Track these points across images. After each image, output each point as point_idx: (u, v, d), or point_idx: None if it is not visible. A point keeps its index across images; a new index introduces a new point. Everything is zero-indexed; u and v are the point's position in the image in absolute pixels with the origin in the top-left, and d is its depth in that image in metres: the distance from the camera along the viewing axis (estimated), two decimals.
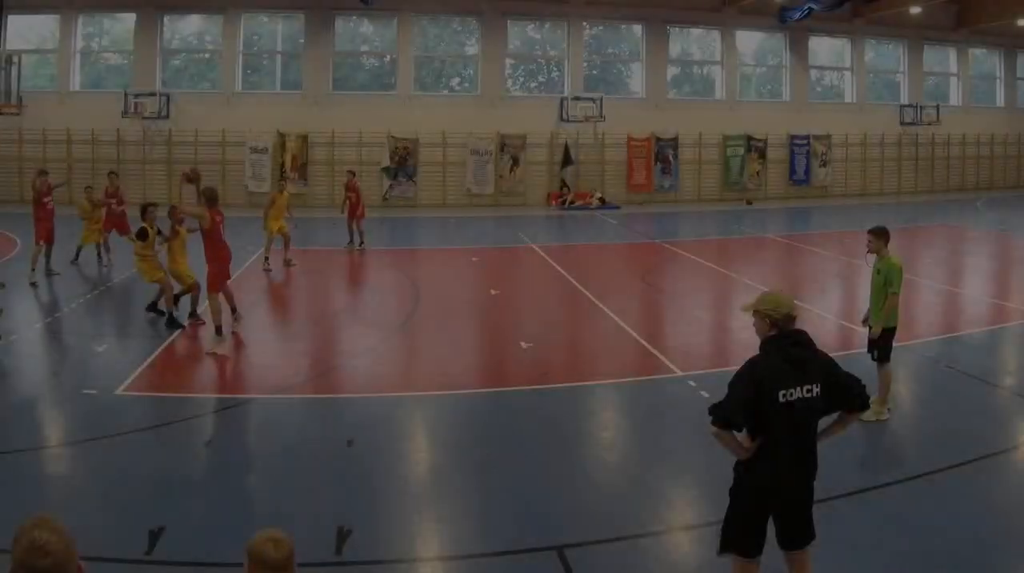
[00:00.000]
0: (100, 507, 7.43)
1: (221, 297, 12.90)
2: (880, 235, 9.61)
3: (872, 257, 9.89)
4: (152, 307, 14.69)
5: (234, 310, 13.50)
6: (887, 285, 9.53)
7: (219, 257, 12.80)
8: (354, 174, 23.49)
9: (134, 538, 6.72)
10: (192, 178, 14.83)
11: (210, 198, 12.81)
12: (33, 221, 18.26)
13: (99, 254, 19.65)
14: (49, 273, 18.10)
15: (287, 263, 19.85)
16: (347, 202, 22.71)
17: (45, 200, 18.40)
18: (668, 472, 8.51)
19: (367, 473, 8.25)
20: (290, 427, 9.67)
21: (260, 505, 7.69)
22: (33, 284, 17.23)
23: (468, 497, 7.86)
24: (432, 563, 6.80)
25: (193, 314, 14.07)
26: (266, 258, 19.61)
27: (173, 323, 13.90)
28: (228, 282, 13.26)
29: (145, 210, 14.58)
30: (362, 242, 22.71)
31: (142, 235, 14.32)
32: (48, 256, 18.39)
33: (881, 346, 9.68)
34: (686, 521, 7.44)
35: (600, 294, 16.64)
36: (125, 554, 6.46)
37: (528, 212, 32.74)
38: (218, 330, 12.55)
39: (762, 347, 5.23)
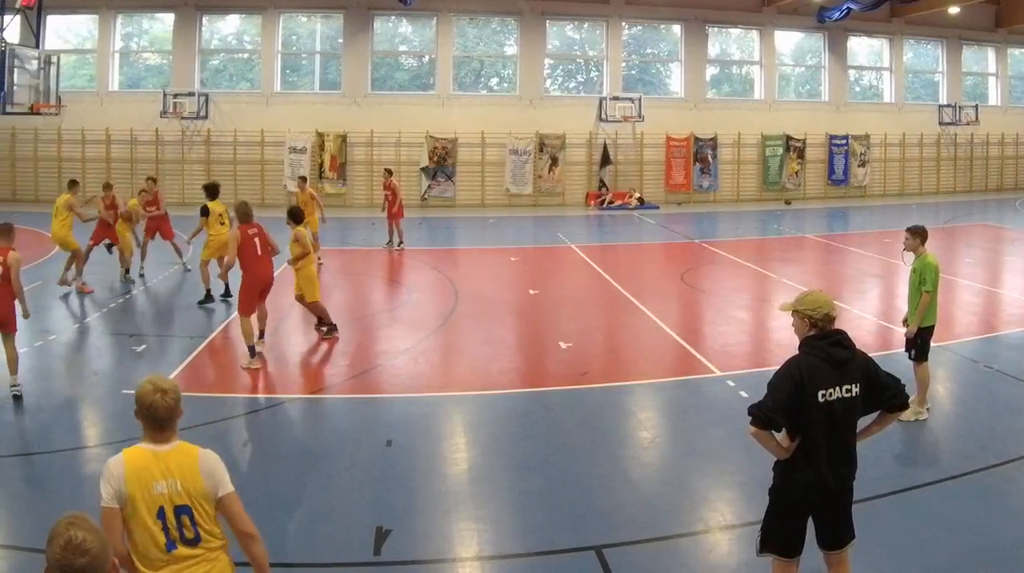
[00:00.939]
0: None
1: (253, 319, 11.96)
2: (917, 234, 9.51)
3: (909, 255, 9.80)
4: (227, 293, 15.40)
5: (262, 333, 12.54)
6: (922, 283, 9.41)
7: (250, 275, 11.83)
8: (391, 173, 23.01)
9: None
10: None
11: (239, 215, 12.00)
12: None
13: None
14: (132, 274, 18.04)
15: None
16: (386, 201, 22.31)
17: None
18: (707, 472, 8.39)
19: (406, 473, 8.18)
20: (329, 427, 9.60)
21: (299, 505, 7.57)
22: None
23: (507, 497, 7.76)
24: (471, 563, 6.68)
25: (325, 326, 13.37)
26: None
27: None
28: (260, 303, 12.18)
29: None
30: (401, 242, 22.25)
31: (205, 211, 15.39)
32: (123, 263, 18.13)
33: (919, 345, 9.53)
34: (725, 521, 7.28)
35: (639, 294, 16.44)
36: None
37: (566, 212, 32.17)
38: (251, 350, 11.75)
39: (801, 347, 5.20)
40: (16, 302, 10.04)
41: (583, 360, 12.27)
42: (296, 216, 13.02)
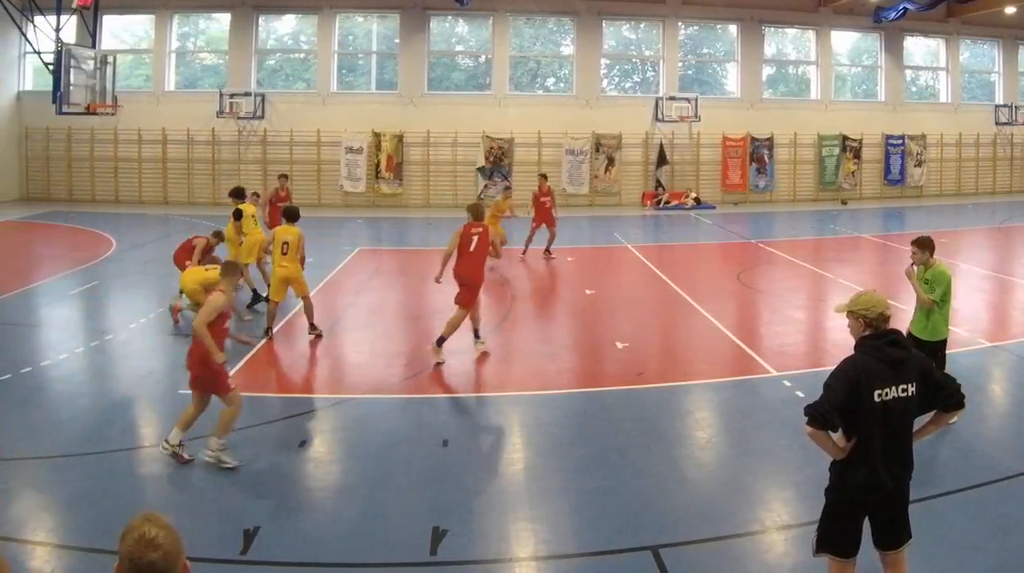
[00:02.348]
0: (196, 507, 7.23)
1: (465, 314, 11.85)
2: (925, 246, 9.01)
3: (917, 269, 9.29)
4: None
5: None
6: (930, 292, 8.93)
7: (456, 270, 11.79)
8: (546, 178, 21.08)
9: (230, 538, 6.55)
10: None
11: (473, 213, 12.01)
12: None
13: None
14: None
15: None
16: (539, 207, 20.44)
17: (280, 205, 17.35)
18: (763, 472, 8.11)
19: (462, 473, 7.98)
20: (385, 427, 9.27)
21: (355, 505, 7.39)
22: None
23: (563, 497, 7.52)
24: (527, 563, 6.48)
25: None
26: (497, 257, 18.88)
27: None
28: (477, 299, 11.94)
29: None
30: (526, 249, 20.55)
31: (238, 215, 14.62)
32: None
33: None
34: (782, 521, 7.05)
35: (695, 294, 15.98)
36: (221, 554, 6.29)
37: (623, 212, 30.78)
38: (439, 342, 11.56)
39: (857, 347, 5.05)
40: (211, 358, 8.06)
41: (639, 360, 11.91)
42: (290, 215, 12.77)
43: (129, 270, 16.86)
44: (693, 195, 31.75)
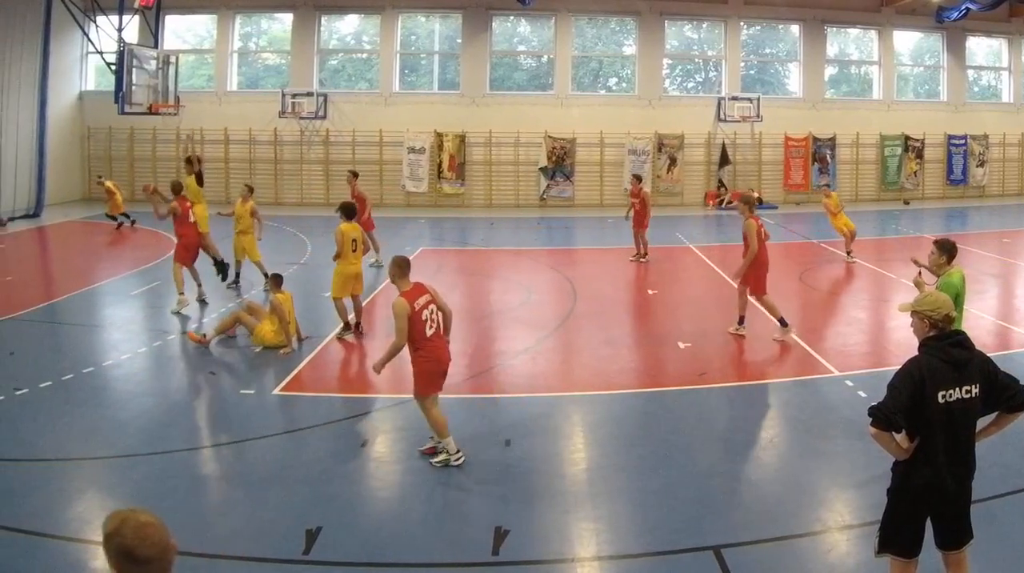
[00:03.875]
0: (258, 507, 6.92)
1: (751, 297, 12.26)
2: (943, 249, 7.98)
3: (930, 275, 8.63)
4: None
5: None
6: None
7: (759, 262, 12.03)
8: (640, 179, 19.82)
9: (292, 538, 6.31)
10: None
11: (752, 206, 12.20)
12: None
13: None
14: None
15: (849, 255, 18.67)
16: (632, 210, 19.20)
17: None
18: (825, 472, 7.79)
19: (524, 473, 7.70)
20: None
21: (416, 505, 7.11)
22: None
23: (625, 497, 7.26)
24: (589, 563, 6.21)
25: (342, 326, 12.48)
26: (848, 252, 18.78)
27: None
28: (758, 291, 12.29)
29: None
30: (645, 253, 19.02)
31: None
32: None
33: None
34: (843, 521, 6.69)
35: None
36: (283, 554, 6.07)
37: (685, 212, 29.20)
38: (782, 321, 12.00)
39: (921, 347, 4.79)
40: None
41: (701, 360, 11.42)
42: (347, 212, 12.30)
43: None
44: (755, 195, 29.39)
